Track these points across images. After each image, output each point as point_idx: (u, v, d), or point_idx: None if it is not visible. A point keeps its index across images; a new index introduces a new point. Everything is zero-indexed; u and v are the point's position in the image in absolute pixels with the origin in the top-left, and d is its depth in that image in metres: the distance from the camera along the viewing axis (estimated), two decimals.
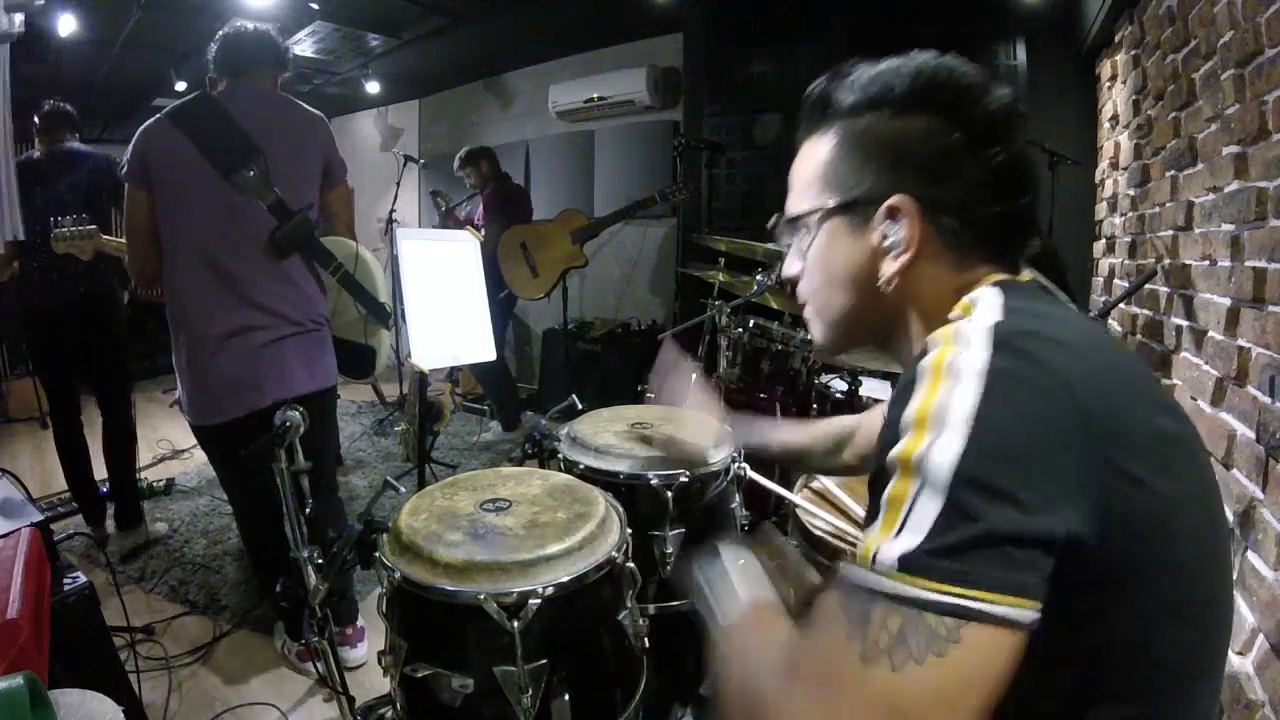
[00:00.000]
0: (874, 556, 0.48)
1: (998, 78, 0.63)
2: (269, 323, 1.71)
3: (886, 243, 0.63)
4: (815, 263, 0.69)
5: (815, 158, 0.68)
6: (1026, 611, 0.45)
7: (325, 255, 1.80)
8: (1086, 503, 0.48)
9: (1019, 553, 0.45)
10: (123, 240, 2.08)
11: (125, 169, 1.66)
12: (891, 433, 0.52)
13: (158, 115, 1.67)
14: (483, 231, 3.76)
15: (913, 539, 0.46)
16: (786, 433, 1.21)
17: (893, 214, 0.62)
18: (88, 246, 2.07)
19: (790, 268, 0.73)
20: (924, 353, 0.54)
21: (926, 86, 0.62)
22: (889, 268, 0.64)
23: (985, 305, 0.57)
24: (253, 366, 1.69)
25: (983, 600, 0.44)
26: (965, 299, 0.60)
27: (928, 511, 0.46)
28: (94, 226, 2.08)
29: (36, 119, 2.60)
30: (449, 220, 3.96)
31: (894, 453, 0.50)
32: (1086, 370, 0.51)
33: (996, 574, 0.45)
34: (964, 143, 0.61)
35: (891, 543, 0.47)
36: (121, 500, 2.62)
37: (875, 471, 0.53)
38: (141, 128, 1.66)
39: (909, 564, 0.46)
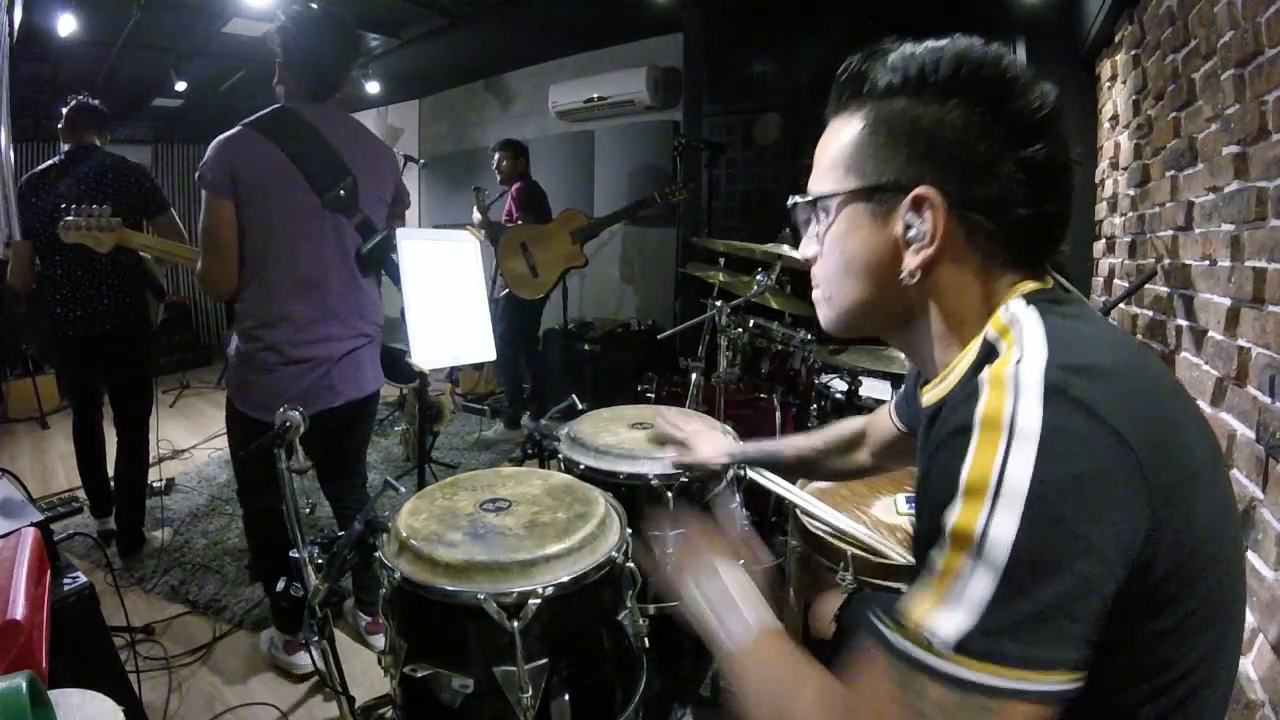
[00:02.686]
0: (926, 629, 0.48)
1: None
2: (347, 333, 1.79)
3: (909, 234, 0.60)
4: (831, 248, 0.66)
5: (842, 138, 0.64)
6: (1073, 684, 0.47)
7: (397, 269, 1.86)
8: (1137, 552, 0.48)
9: (1072, 626, 0.46)
10: (153, 238, 2.03)
11: (205, 178, 1.60)
12: (944, 489, 0.50)
13: (238, 126, 1.63)
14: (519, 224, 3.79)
15: (967, 618, 0.46)
16: (796, 441, 1.21)
17: (918, 205, 0.59)
18: (107, 239, 1.89)
19: (807, 248, 0.71)
20: (972, 391, 0.52)
21: (970, 74, 0.58)
22: (909, 261, 0.61)
23: (1029, 334, 0.54)
24: (329, 372, 1.76)
25: (1034, 681, 0.45)
26: (1000, 317, 0.58)
27: (982, 589, 0.46)
28: (116, 218, 1.89)
29: (63, 113, 2.50)
30: (484, 216, 3.96)
31: (951, 522, 0.49)
32: (1137, 409, 0.50)
33: (1049, 653, 0.46)
34: (1003, 138, 0.57)
35: (944, 617, 0.47)
36: (125, 524, 2.60)
37: (925, 528, 0.53)
38: (222, 138, 1.61)
39: (965, 647, 0.46)
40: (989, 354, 0.58)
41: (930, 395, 0.65)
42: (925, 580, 0.50)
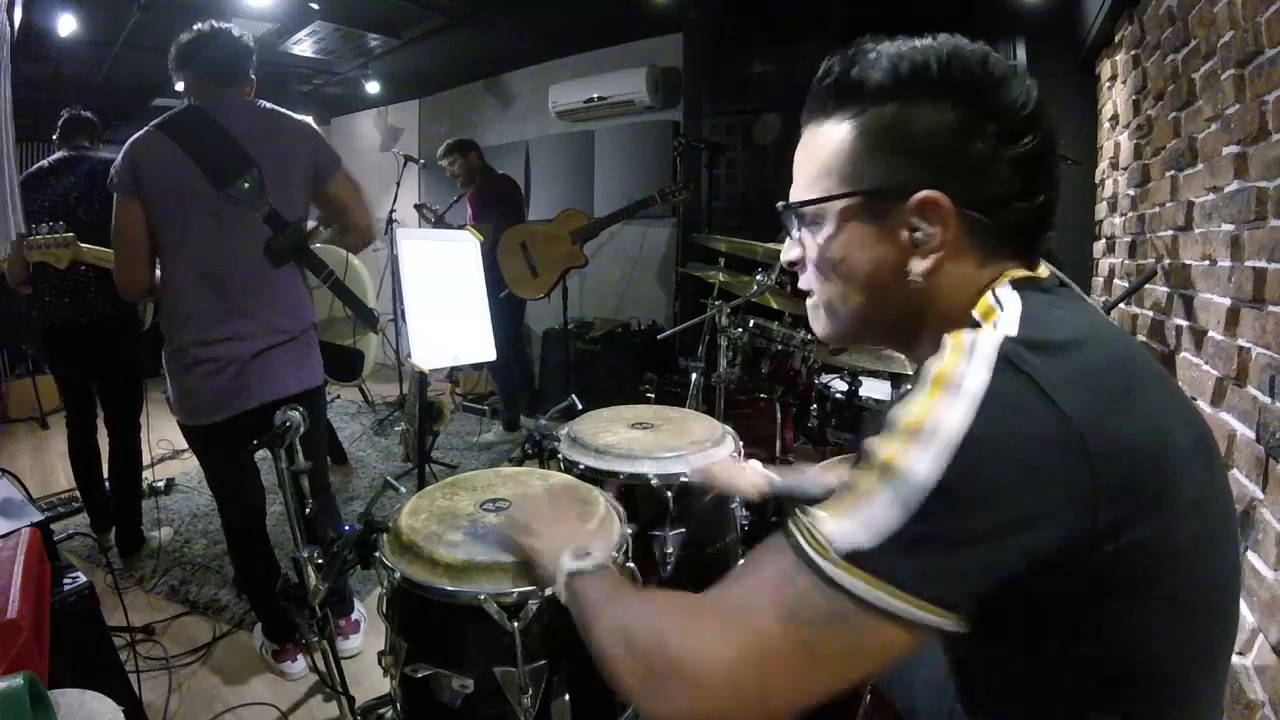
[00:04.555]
0: (821, 531, 0.51)
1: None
2: (260, 331, 1.73)
3: (916, 237, 0.60)
4: (830, 258, 0.64)
5: (831, 143, 0.62)
6: (946, 622, 0.48)
7: (317, 263, 1.82)
8: (1079, 522, 0.49)
9: (961, 567, 0.48)
10: (105, 250, 2.08)
11: (115, 179, 1.65)
12: (883, 423, 0.53)
13: (147, 127, 1.66)
14: (481, 229, 3.75)
15: (865, 535, 0.49)
16: (824, 478, 1.18)
17: (923, 209, 0.59)
18: (63, 255, 2.01)
19: (790, 253, 0.70)
20: (939, 351, 0.54)
21: (959, 73, 0.58)
22: (917, 265, 0.60)
23: (1007, 315, 0.56)
24: (242, 372, 1.71)
25: (908, 605, 0.48)
26: (988, 299, 0.60)
27: (888, 516, 0.49)
28: (70, 234, 2.00)
29: (58, 125, 2.59)
30: (441, 227, 3.95)
31: (878, 450, 0.52)
32: (1092, 389, 0.51)
33: (926, 584, 0.48)
34: (995, 135, 0.58)
35: (843, 525, 0.50)
36: (124, 523, 2.60)
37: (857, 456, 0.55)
38: (131, 139, 1.65)
39: (856, 558, 0.49)
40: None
41: None
42: (840, 493, 0.52)
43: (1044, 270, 0.64)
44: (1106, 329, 0.60)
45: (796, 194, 0.67)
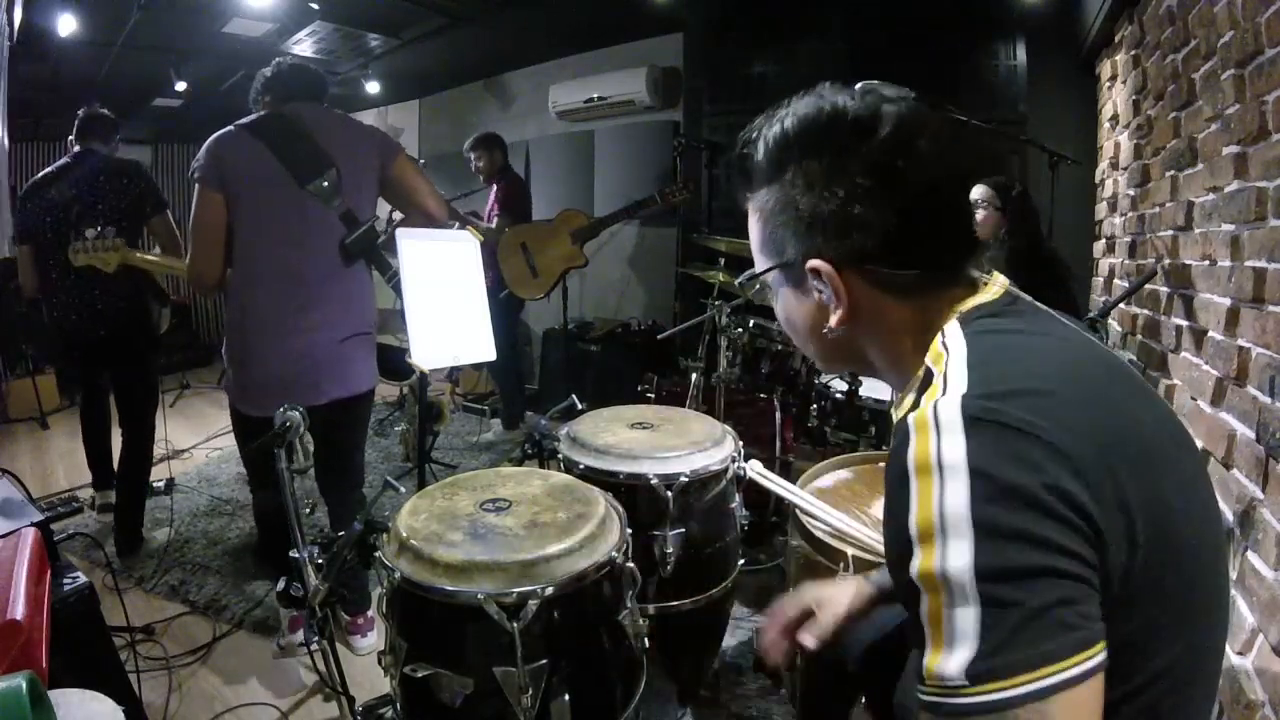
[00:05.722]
0: (940, 678, 0.49)
1: (892, 99, 0.62)
2: (332, 323, 1.79)
3: (824, 298, 0.66)
4: (782, 316, 0.75)
5: (752, 224, 0.72)
6: (1098, 656, 0.47)
7: (384, 263, 1.90)
8: (1092, 537, 0.50)
9: (1069, 610, 0.47)
10: (152, 255, 2.09)
11: (197, 174, 1.70)
12: (899, 545, 0.53)
13: (229, 127, 1.73)
14: (495, 223, 3.75)
15: (968, 649, 0.48)
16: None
17: (815, 275, 0.64)
18: (111, 259, 1.99)
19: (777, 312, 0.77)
20: (903, 437, 0.54)
21: (812, 137, 0.62)
22: (831, 320, 0.66)
23: (954, 365, 0.57)
24: (313, 366, 1.76)
25: (1057, 671, 0.46)
26: (936, 344, 0.61)
27: (969, 618, 0.48)
28: (120, 240, 1.98)
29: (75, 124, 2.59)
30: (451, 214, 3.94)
31: (913, 572, 0.51)
32: (1065, 413, 0.52)
33: (1057, 643, 0.47)
34: (868, 185, 0.60)
35: (949, 659, 0.49)
36: (124, 525, 2.60)
37: (901, 589, 0.54)
38: (214, 136, 1.72)
39: (977, 674, 0.47)
40: (929, 380, 0.60)
41: (896, 415, 0.69)
42: (924, 636, 0.51)
43: (994, 289, 0.65)
44: (1057, 345, 0.61)
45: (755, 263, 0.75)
